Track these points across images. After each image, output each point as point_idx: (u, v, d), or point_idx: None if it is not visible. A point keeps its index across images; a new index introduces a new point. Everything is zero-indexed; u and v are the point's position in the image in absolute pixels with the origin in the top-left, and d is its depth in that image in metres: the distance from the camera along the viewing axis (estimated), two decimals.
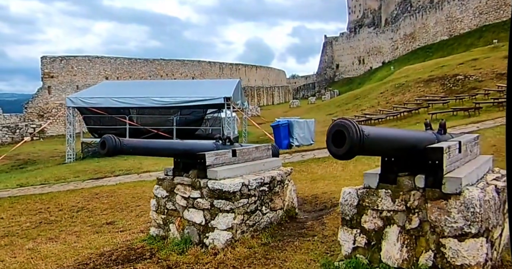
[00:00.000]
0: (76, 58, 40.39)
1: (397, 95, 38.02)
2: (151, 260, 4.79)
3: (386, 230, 3.59)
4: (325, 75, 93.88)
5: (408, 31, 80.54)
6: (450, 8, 71.46)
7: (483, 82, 31.82)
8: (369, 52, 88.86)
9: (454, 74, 35.99)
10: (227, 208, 4.78)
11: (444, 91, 33.53)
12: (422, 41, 77.05)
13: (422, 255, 3.41)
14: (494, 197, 3.61)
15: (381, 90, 42.28)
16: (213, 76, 54.30)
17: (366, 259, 3.67)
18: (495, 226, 3.65)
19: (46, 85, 37.76)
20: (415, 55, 75.25)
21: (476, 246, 3.26)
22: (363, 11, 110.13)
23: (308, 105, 55.09)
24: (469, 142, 4.20)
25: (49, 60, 38.19)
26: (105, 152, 4.23)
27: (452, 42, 69.95)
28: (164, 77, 46.73)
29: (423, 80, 38.22)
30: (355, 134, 2.59)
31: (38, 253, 5.81)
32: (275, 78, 77.72)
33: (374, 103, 38.40)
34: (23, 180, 14.23)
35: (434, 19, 74.58)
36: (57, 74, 38.42)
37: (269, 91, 66.95)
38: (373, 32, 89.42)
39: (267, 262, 4.40)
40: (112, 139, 4.19)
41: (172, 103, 17.30)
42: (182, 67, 50.96)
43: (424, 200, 3.42)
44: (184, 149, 5.03)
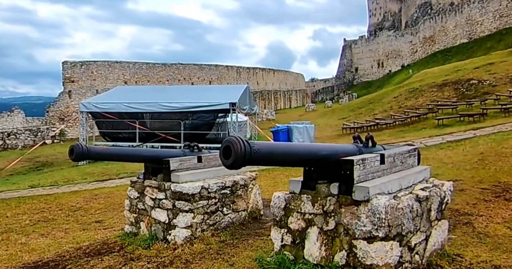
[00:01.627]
0: (96, 63, 41.52)
1: (410, 99, 37.77)
2: (118, 253, 5.29)
3: (308, 231, 3.99)
4: (344, 78, 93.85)
5: (428, 34, 79.89)
6: (470, 11, 70.66)
7: (496, 87, 31.30)
8: (388, 56, 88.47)
9: (468, 78, 35.60)
10: (186, 209, 5.24)
11: (456, 95, 33.13)
12: (441, 44, 76.37)
13: (337, 254, 3.79)
14: (411, 205, 3.93)
15: (395, 94, 42.11)
16: (230, 80, 54.95)
17: (292, 256, 4.08)
18: (412, 232, 3.98)
19: (67, 89, 38.93)
20: (434, 59, 74.63)
21: (385, 249, 3.61)
22: (383, 14, 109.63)
23: (324, 109, 55.22)
24: (400, 154, 4.53)
25: (70, 65, 39.37)
26: (73, 158, 4.75)
27: (472, 45, 69.17)
28: (181, 81, 47.56)
29: (437, 84, 37.91)
30: (239, 149, 3.00)
31: (27, 247, 6.38)
32: (293, 81, 78.00)
33: (387, 108, 38.24)
34: (35, 181, 14.97)
35: (454, 22, 73.86)
36: (77, 78, 39.58)
37: (286, 95, 67.32)
38: (392, 35, 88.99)
39: (217, 257, 4.84)
40: (79, 146, 4.70)
41: (180, 108, 17.87)
42: (200, 71, 51.71)
43: (338, 205, 3.80)
44: (150, 156, 5.53)
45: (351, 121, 33.82)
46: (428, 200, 4.23)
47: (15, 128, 34.03)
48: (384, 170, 4.19)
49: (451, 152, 12.76)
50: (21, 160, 23.06)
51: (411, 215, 3.91)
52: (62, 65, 39.18)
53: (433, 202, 4.30)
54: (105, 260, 5.11)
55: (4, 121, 36.38)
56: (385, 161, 4.19)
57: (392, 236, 3.68)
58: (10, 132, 33.25)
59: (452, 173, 9.28)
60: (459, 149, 12.93)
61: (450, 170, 9.76)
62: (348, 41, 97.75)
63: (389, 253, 3.63)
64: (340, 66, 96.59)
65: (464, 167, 9.86)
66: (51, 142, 29.47)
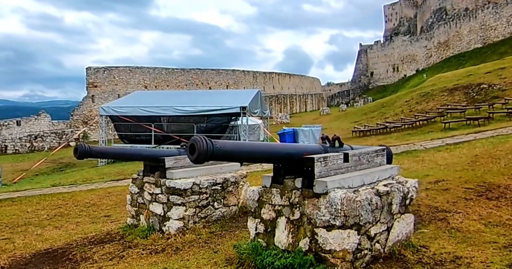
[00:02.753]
0: (117, 68, 42.57)
1: (421, 103, 37.57)
2: (118, 242, 5.79)
3: (277, 220, 4.40)
4: (360, 82, 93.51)
5: (442, 39, 79.18)
6: (484, 16, 69.96)
7: (506, 91, 31.00)
8: (403, 60, 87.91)
9: (479, 83, 35.35)
10: (179, 202, 5.71)
11: (466, 100, 32.82)
12: (455, 49, 75.61)
13: (301, 241, 4.19)
14: (369, 198, 4.29)
15: (407, 98, 41.96)
16: (246, 84, 55.47)
17: (264, 242, 4.49)
18: (371, 222, 4.34)
19: (90, 94, 40.04)
20: (448, 63, 73.88)
21: (342, 236, 4.00)
22: (399, 19, 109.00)
23: (338, 113, 55.29)
24: (366, 153, 4.89)
25: (93, 70, 40.48)
26: (77, 156, 5.25)
27: (486, 50, 68.37)
28: (199, 86, 48.33)
29: (448, 89, 37.69)
30: (202, 147, 3.43)
31: (41, 237, 6.95)
32: (309, 85, 78.21)
33: (398, 111, 38.07)
34: (57, 181, 15.67)
35: (468, 27, 73.11)
36: (100, 83, 40.64)
37: (302, 99, 67.52)
38: (407, 40, 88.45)
39: (204, 245, 5.28)
40: (82, 146, 5.20)
41: (193, 112, 18.42)
42: (217, 76, 52.39)
43: (302, 198, 4.20)
44: (148, 155, 6.01)
45: (362, 125, 33.94)
46: (389, 195, 4.58)
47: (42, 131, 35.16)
48: (348, 168, 4.56)
49: (447, 154, 12.93)
50: (46, 161, 23.90)
51: (369, 207, 4.27)
52: (86, 71, 40.32)
53: (394, 197, 4.63)
54: (106, 247, 5.60)
55: (31, 124, 37.59)
56: (349, 159, 4.57)
57: (349, 225, 4.06)
58: (37, 134, 34.38)
59: (442, 173, 9.47)
60: (456, 151, 13.08)
61: (441, 171, 9.95)
62: (364, 46, 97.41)
63: (346, 240, 4.02)
64: (356, 71, 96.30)
65: (455, 168, 10.05)
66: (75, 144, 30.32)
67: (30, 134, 34.65)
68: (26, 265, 5.53)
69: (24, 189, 14.74)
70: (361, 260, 4.23)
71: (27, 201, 11.42)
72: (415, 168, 11.21)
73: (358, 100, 72.19)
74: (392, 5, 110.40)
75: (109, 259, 5.18)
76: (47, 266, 5.34)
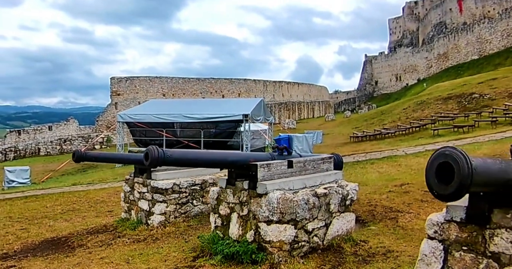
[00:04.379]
0: (138, 78, 43.65)
1: (417, 111, 37.53)
2: (110, 233, 6.41)
3: (231, 216, 4.96)
4: (365, 90, 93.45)
5: (442, 51, 79.01)
6: (480, 30, 69.93)
7: (495, 101, 30.92)
8: (405, 70, 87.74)
9: (471, 92, 35.24)
10: (160, 200, 6.30)
11: (459, 108, 32.68)
12: (454, 60, 75.45)
13: (248, 233, 4.73)
14: (307, 199, 4.79)
15: (405, 106, 41.99)
16: (257, 92, 56.01)
17: (221, 234, 5.05)
18: (308, 219, 4.83)
19: (114, 101, 41.14)
20: (447, 73, 73.60)
21: (278, 229, 4.53)
22: (402, 32, 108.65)
23: (343, 119, 55.40)
24: (312, 160, 5.40)
25: (116, 80, 41.60)
26: (74, 160, 5.89)
27: (482, 61, 68.16)
28: (213, 94, 49.11)
29: (442, 97, 37.63)
30: (154, 154, 3.99)
31: (51, 228, 7.61)
32: (317, 93, 78.47)
33: (396, 118, 38.08)
34: (77, 180, 16.43)
35: (466, 40, 73.02)
36: (123, 92, 41.69)
37: (309, 106, 67.85)
38: (409, 52, 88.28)
39: (180, 236, 5.86)
40: (79, 151, 5.84)
41: (199, 119, 19.06)
42: (230, 84, 53.10)
43: (249, 197, 4.75)
44: (137, 159, 6.62)
45: (361, 130, 34.15)
46: (326, 196, 5.06)
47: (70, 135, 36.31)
48: (292, 173, 5.08)
49: (424, 159, 13.16)
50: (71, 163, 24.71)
51: (306, 206, 4.78)
52: (110, 80, 41.45)
53: (332, 198, 5.11)
54: (99, 237, 6.23)
55: (61, 129, 38.81)
56: (294, 166, 5.09)
57: (286, 220, 4.59)
58: (66, 138, 35.49)
59: (410, 177, 9.68)
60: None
61: (411, 175, 10.19)
62: (369, 56, 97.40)
63: (282, 233, 4.55)
64: (361, 80, 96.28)
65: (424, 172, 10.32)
66: (100, 147, 31.32)
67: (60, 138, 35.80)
68: (34, 250, 6.18)
69: (48, 187, 15.51)
70: (299, 250, 4.75)
71: (48, 198, 12.12)
72: (389, 172, 11.56)
73: (363, 107, 72.17)
74: (396, 19, 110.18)
75: (99, 246, 5.81)
76: (50, 250, 5.98)
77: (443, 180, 2.05)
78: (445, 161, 2.02)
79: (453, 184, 1.99)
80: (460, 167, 1.97)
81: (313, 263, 4.66)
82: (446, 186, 2.02)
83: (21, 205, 11.19)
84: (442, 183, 2.05)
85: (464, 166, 1.97)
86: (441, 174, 2.08)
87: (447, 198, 2.09)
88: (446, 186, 2.02)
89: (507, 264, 2.64)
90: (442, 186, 2.04)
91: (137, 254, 5.21)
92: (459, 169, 1.96)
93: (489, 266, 2.71)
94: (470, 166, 1.97)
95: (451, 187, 2.01)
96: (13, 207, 10.89)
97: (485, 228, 2.75)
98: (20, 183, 20.18)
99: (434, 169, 2.09)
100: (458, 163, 1.96)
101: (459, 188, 2.00)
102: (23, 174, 20.86)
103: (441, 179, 2.07)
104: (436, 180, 2.10)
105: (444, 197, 2.09)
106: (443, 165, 2.04)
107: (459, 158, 1.99)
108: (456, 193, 2.02)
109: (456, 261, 2.85)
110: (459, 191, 2.01)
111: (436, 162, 2.07)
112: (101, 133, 35.99)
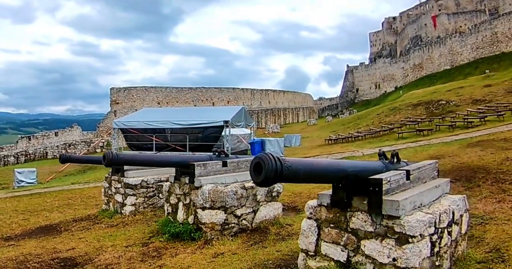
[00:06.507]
0: (135, 88, 44.63)
1: (389, 116, 38.24)
2: (92, 220, 7.43)
3: (178, 204, 6.00)
4: (347, 97, 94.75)
5: (417, 61, 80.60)
6: (452, 43, 71.65)
7: (459, 107, 31.58)
8: (384, 79, 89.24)
9: (439, 99, 35.91)
10: (131, 193, 7.33)
11: (426, 113, 33.31)
12: (428, 70, 77.01)
13: (189, 217, 5.77)
14: (235, 190, 5.78)
15: (379, 112, 42.80)
16: (245, 100, 56.99)
17: (172, 218, 6.08)
18: (236, 206, 5.82)
19: (113, 109, 42.07)
20: (422, 82, 74.99)
21: (211, 214, 5.56)
22: (382, 44, 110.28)
23: (324, 123, 56.41)
24: (246, 161, 6.43)
25: (115, 90, 42.54)
26: (60, 161, 6.91)
27: (453, 71, 69.66)
28: (204, 102, 50.06)
29: (413, 104, 38.31)
30: (109, 156, 5.05)
31: (46, 218, 8.60)
32: (302, 100, 79.49)
33: (369, 123, 38.78)
34: (76, 180, 17.36)
35: (439, 52, 74.68)
36: (121, 100, 42.62)
37: (294, 112, 68.92)
38: (387, 62, 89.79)
39: (145, 222, 6.88)
40: (64, 155, 6.87)
41: (184, 125, 19.96)
42: (219, 93, 54.03)
43: (190, 189, 5.79)
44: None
45: (337, 134, 35.04)
46: (253, 189, 6.06)
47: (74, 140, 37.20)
48: (227, 170, 6.11)
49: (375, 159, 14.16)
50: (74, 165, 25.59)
51: (235, 196, 5.80)
52: (110, 90, 42.40)
53: (258, 190, 6.12)
54: (82, 223, 7.25)
55: (66, 134, 39.68)
56: (228, 165, 6.12)
57: (217, 207, 5.62)
58: (70, 143, 36.36)
59: None
60: None
61: None
62: (351, 66, 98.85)
63: (214, 216, 5.58)
64: (344, 87, 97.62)
65: None
66: (100, 150, 32.19)
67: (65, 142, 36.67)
68: (30, 233, 7.19)
69: (51, 186, 16.44)
70: (229, 230, 5.76)
71: (49, 195, 13.04)
72: None
73: (345, 112, 73.37)
74: (376, 33, 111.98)
75: (81, 230, 6.83)
76: (42, 234, 6.99)
77: (257, 173, 2.71)
78: (258, 161, 2.70)
79: (261, 176, 2.65)
80: (265, 165, 2.61)
81: (240, 240, 5.61)
82: (258, 177, 2.69)
83: (26, 201, 12.11)
84: (256, 175, 2.71)
85: (269, 165, 2.59)
86: (256, 169, 2.71)
87: (259, 185, 2.76)
88: (258, 177, 2.69)
89: (363, 237, 3.32)
90: (256, 177, 2.71)
91: (108, 235, 6.23)
92: (264, 166, 2.62)
93: (349, 238, 3.42)
94: (275, 165, 2.59)
95: (260, 178, 2.66)
96: (20, 202, 11.80)
97: (346, 211, 3.47)
98: (28, 183, 21.12)
99: (252, 166, 2.73)
100: (265, 163, 2.62)
101: (265, 178, 2.63)
102: (31, 175, 21.80)
103: (256, 172, 2.72)
104: (253, 173, 2.73)
105: (258, 184, 2.75)
106: (258, 163, 2.70)
107: (266, 159, 2.61)
108: (264, 181, 2.65)
109: (325, 235, 3.61)
110: (266, 180, 2.64)
111: (254, 162, 2.72)
112: (102, 138, 36.93)
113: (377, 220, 3.25)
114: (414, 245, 3.06)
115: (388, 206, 3.16)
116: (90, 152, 31.23)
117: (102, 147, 34.52)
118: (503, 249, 4.05)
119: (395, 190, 3.40)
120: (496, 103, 28.69)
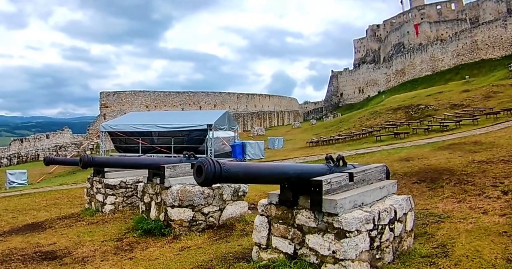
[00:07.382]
0: (124, 92, 44.81)
1: (370, 119, 38.55)
2: (74, 218, 7.88)
3: (151, 203, 6.50)
4: (331, 101, 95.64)
5: (399, 67, 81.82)
6: (433, 50, 73.05)
7: (438, 111, 32.11)
8: (367, 84, 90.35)
9: (418, 104, 36.19)
10: (111, 193, 7.80)
11: (406, 117, 33.79)
12: (410, 75, 78.24)
13: (161, 214, 6.28)
14: (202, 190, 6.23)
15: (360, 115, 43.22)
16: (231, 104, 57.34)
17: (145, 216, 6.58)
18: (203, 204, 6.29)
19: (103, 112, 42.20)
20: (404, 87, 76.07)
21: (179, 211, 6.05)
22: (366, 51, 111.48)
23: (308, 126, 56.90)
24: None
25: (105, 94, 42.69)
26: (45, 163, 7.35)
27: (434, 76, 70.85)
28: (191, 106, 50.32)
29: (393, 108, 38.77)
30: (85, 159, 5.53)
31: (34, 216, 9.02)
32: (287, 104, 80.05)
33: (351, 126, 39.02)
34: (65, 181, 17.66)
35: (420, 58, 76.02)
36: (110, 104, 42.78)
37: (279, 115, 69.50)
38: (371, 68, 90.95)
39: (122, 220, 7.35)
40: (48, 157, 7.31)
41: (169, 128, 20.34)
42: (206, 97, 54.29)
43: (161, 189, 6.29)
44: None
45: (319, 137, 35.42)
46: (220, 189, 6.56)
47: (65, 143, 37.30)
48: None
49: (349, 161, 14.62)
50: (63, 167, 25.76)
51: (202, 195, 6.30)
52: (99, 94, 42.60)
53: (224, 190, 6.61)
54: (65, 221, 7.70)
55: (57, 137, 39.74)
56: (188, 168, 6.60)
57: (185, 205, 6.12)
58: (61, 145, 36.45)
59: None
60: (358, 159, 14.37)
61: None
62: (335, 72, 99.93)
63: (182, 214, 6.08)
64: (328, 92, 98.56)
65: None
66: (90, 152, 32.37)
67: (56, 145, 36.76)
68: (17, 230, 7.61)
69: (41, 187, 16.73)
70: (197, 226, 6.25)
71: (38, 195, 13.39)
72: None
73: (329, 116, 74.19)
74: (360, 40, 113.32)
75: (63, 227, 7.28)
76: (28, 231, 7.42)
77: (198, 175, 3.05)
78: (199, 165, 3.05)
79: (201, 177, 3.00)
80: (204, 169, 2.97)
81: (207, 236, 6.06)
82: (199, 178, 3.04)
83: (16, 200, 12.45)
84: (198, 176, 3.06)
85: (208, 168, 2.95)
86: (198, 172, 3.05)
87: (201, 184, 3.05)
88: (199, 178, 3.04)
89: (307, 232, 3.63)
90: (197, 178, 3.06)
91: (87, 231, 6.70)
92: (204, 169, 2.98)
93: (295, 233, 3.73)
94: (214, 168, 2.97)
95: (201, 179, 3.01)
96: (10, 202, 12.14)
97: (293, 209, 3.77)
98: (19, 183, 21.34)
99: (195, 169, 3.08)
100: (205, 166, 2.99)
101: (204, 179, 2.98)
102: (22, 176, 22.02)
103: (198, 174, 3.06)
104: (195, 175, 3.08)
105: (199, 183, 3.05)
106: (199, 167, 3.05)
107: (206, 163, 2.98)
108: (204, 182, 2.99)
109: (275, 230, 3.94)
110: (205, 181, 2.98)
111: (196, 165, 3.08)
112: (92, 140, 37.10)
113: (319, 217, 3.57)
114: (351, 239, 3.36)
115: (328, 204, 3.48)
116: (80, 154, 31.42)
117: (92, 149, 34.71)
118: (449, 245, 4.21)
119: (336, 190, 3.71)
120: (473, 108, 29.03)
